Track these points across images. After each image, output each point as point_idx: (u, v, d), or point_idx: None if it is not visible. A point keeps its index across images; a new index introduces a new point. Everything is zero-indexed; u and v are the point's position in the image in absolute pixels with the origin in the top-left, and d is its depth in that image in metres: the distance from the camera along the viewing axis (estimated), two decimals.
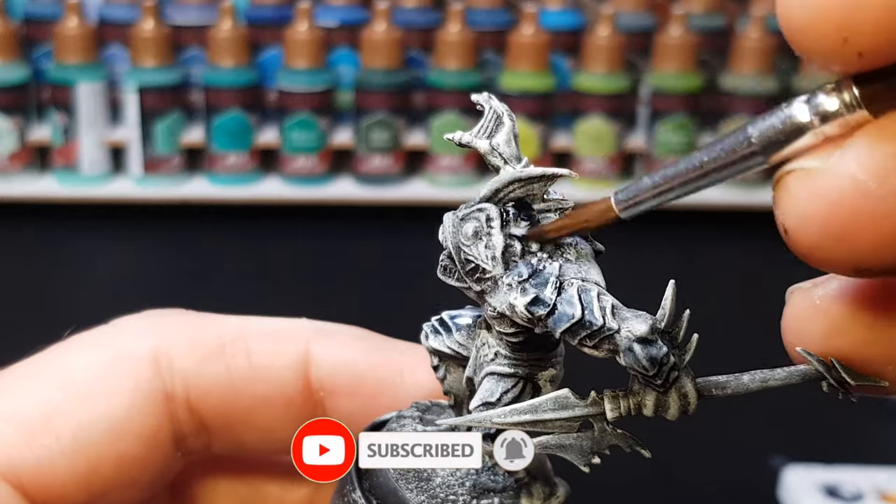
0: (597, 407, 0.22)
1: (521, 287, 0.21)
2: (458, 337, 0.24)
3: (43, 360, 0.27)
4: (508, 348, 0.23)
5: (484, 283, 0.22)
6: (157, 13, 1.00)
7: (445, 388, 0.25)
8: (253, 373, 0.28)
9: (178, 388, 0.27)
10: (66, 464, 0.25)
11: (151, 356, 0.27)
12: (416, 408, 0.26)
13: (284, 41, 1.02)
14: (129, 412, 0.26)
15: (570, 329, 0.21)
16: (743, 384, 0.22)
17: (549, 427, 0.22)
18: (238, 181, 1.03)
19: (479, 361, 0.23)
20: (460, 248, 0.22)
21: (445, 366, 0.25)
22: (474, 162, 1.03)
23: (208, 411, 0.27)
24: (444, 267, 0.23)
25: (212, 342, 0.28)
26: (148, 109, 1.00)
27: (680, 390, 0.21)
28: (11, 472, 0.25)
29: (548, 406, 0.22)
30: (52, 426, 0.26)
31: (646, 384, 0.21)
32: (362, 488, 0.24)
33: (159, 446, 0.27)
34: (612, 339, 0.21)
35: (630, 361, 0.21)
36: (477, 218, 0.22)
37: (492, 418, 0.22)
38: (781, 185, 0.19)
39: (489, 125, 0.23)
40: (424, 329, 0.25)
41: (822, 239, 0.18)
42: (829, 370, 0.21)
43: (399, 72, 1.02)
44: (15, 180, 1.01)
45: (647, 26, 1.10)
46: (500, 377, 0.23)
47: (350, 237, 1.02)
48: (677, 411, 0.21)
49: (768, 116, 0.19)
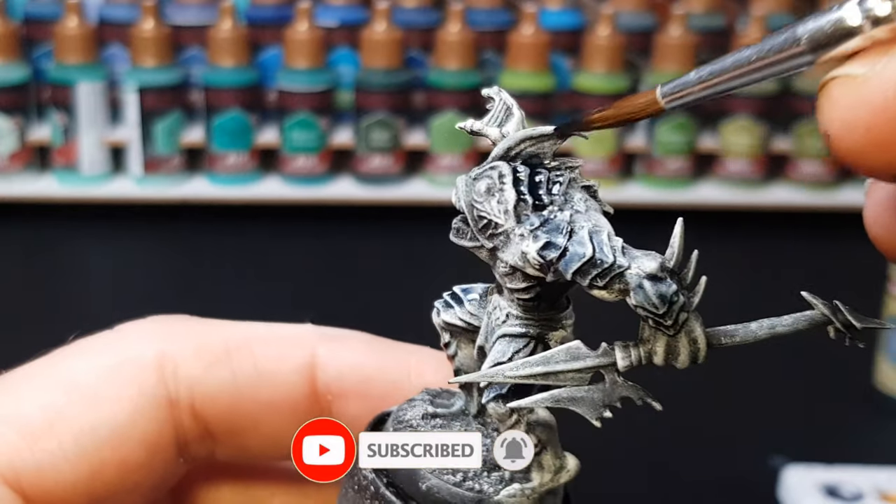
0: (608, 357, 0.22)
1: (532, 235, 0.22)
2: (469, 307, 0.25)
3: (47, 363, 0.27)
4: (520, 308, 0.23)
5: (496, 238, 0.22)
6: (157, 13, 1.00)
7: (456, 366, 0.25)
8: (258, 378, 0.28)
9: (182, 394, 0.27)
10: (69, 469, 0.25)
11: (156, 362, 0.27)
12: (427, 392, 0.26)
13: (284, 41, 1.02)
14: (132, 418, 0.26)
15: (581, 269, 0.21)
16: (751, 332, 0.22)
17: (560, 379, 0.22)
18: (238, 181, 1.03)
19: (491, 326, 0.24)
20: (473, 206, 0.23)
21: (457, 341, 0.25)
22: (474, 162, 1.03)
23: (213, 417, 0.27)
24: (457, 229, 0.23)
25: (217, 348, 0.28)
26: (148, 109, 1.00)
27: (690, 334, 0.21)
28: (13, 475, 0.25)
29: (560, 357, 0.22)
30: (55, 431, 0.25)
31: (656, 326, 0.21)
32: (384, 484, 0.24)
33: (162, 452, 0.27)
34: (622, 277, 0.21)
35: (640, 299, 0.21)
36: (489, 175, 0.23)
37: (504, 372, 0.22)
38: (826, 92, 0.19)
39: (499, 115, 0.24)
40: (436, 306, 0.25)
41: (865, 146, 0.18)
42: (835, 314, 0.21)
43: (399, 72, 1.02)
44: (15, 180, 1.01)
45: (647, 26, 1.10)
46: (512, 338, 0.23)
47: (350, 237, 1.02)
48: (687, 358, 0.21)
49: (819, 17, 0.19)
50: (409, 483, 0.23)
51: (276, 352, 0.28)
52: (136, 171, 1.01)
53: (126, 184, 1.02)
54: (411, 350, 0.29)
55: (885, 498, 0.61)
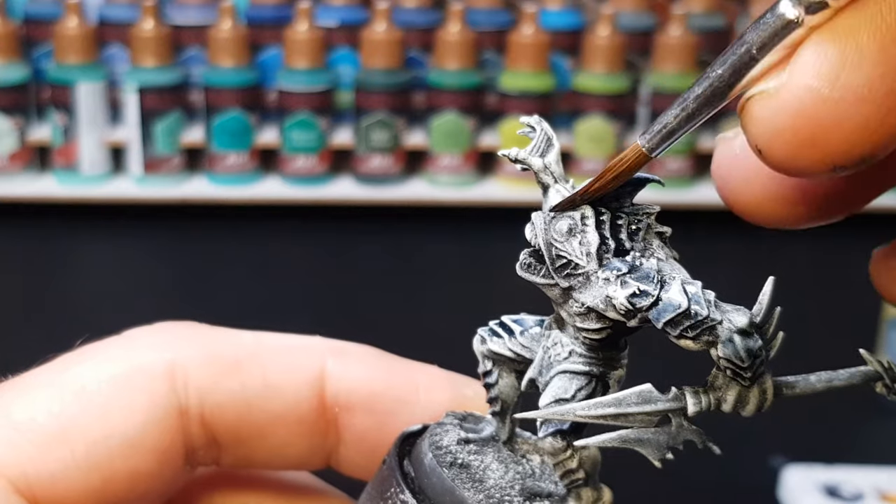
0: (678, 402, 0.22)
1: (620, 280, 0.22)
2: (521, 339, 0.25)
3: (57, 370, 0.27)
4: (584, 347, 0.23)
5: (574, 278, 0.23)
6: (157, 13, 1.00)
7: (494, 394, 0.26)
8: (267, 389, 0.28)
9: (192, 404, 0.27)
10: (81, 478, 0.25)
11: (167, 371, 0.27)
12: (454, 416, 0.26)
13: (284, 41, 1.02)
14: (144, 427, 0.26)
15: (674, 319, 0.21)
16: (810, 384, 0.23)
17: (630, 421, 0.22)
18: (238, 181, 1.03)
19: (549, 361, 0.24)
20: (552, 245, 0.23)
21: (499, 370, 0.25)
22: (474, 162, 1.03)
23: (221, 427, 0.27)
24: (529, 264, 0.23)
25: (227, 358, 0.28)
26: (148, 109, 1.00)
27: (761, 385, 0.22)
28: (26, 484, 0.25)
29: (632, 400, 0.22)
30: (67, 439, 0.26)
31: (734, 377, 0.22)
32: (412, 489, 0.24)
33: (171, 461, 0.27)
34: (713, 331, 0.21)
35: (729, 353, 0.21)
36: (571, 216, 0.23)
37: (575, 411, 0.22)
38: (746, 112, 0.20)
39: (541, 145, 0.24)
40: (480, 333, 0.25)
41: (795, 148, 0.19)
42: (887, 371, 0.22)
43: (399, 72, 1.02)
44: (15, 180, 1.01)
45: (647, 26, 1.10)
46: (574, 375, 0.23)
47: (350, 237, 1.02)
48: (755, 407, 0.22)
49: (761, 19, 0.20)
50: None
51: (286, 363, 0.28)
52: (136, 171, 1.01)
53: (126, 184, 1.02)
54: (419, 368, 0.29)
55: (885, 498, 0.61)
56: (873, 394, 0.23)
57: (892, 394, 0.23)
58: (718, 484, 0.66)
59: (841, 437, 0.70)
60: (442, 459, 0.24)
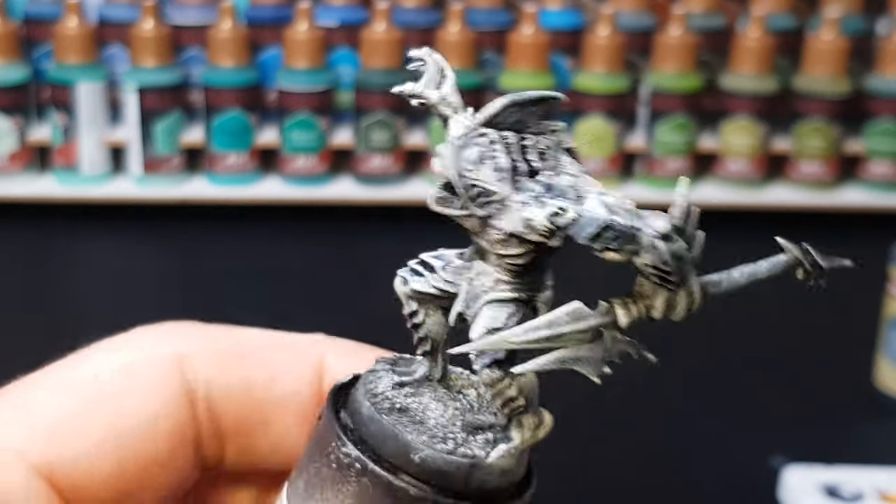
0: (609, 315, 0.22)
1: (537, 201, 0.22)
2: (444, 274, 0.24)
3: (70, 364, 0.28)
4: (509, 274, 0.23)
5: (489, 206, 0.22)
6: (157, 13, 1.00)
7: (422, 334, 0.25)
8: (271, 381, 0.28)
9: (199, 393, 0.28)
10: (98, 462, 0.26)
11: (176, 361, 0.28)
12: (385, 361, 0.26)
13: (284, 41, 1.02)
14: (157, 412, 0.27)
15: (597, 233, 0.21)
16: (734, 280, 0.23)
17: (564, 341, 0.22)
18: (238, 181, 1.03)
19: (475, 293, 0.24)
20: (463, 175, 0.23)
21: (425, 309, 0.25)
22: None
23: (225, 416, 0.28)
24: (442, 198, 0.23)
25: (232, 350, 0.29)
26: (148, 109, 1.00)
27: (688, 287, 0.22)
28: (48, 469, 0.26)
29: (563, 320, 0.22)
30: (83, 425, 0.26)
31: (661, 283, 0.22)
32: (353, 441, 0.24)
33: (183, 448, 0.28)
34: (635, 239, 0.21)
35: (654, 259, 0.21)
36: (479, 143, 0.23)
37: (509, 338, 0.22)
38: None
39: (435, 77, 0.25)
40: (400, 275, 0.25)
41: None
42: (804, 255, 0.23)
43: (399, 72, 1.02)
44: (15, 180, 1.01)
45: (647, 26, 1.10)
46: (502, 303, 0.23)
47: (350, 237, 1.02)
48: (684, 309, 0.22)
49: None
50: (399, 456, 0.23)
51: (288, 356, 0.29)
52: (136, 171, 1.02)
53: (126, 184, 1.02)
54: None
55: (885, 498, 0.61)
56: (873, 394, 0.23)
57: (811, 279, 0.23)
58: (718, 484, 0.66)
59: (841, 437, 0.70)
60: (380, 406, 0.24)
